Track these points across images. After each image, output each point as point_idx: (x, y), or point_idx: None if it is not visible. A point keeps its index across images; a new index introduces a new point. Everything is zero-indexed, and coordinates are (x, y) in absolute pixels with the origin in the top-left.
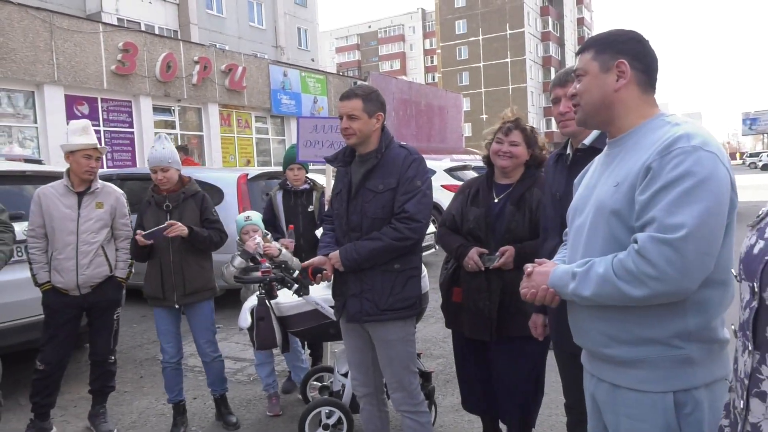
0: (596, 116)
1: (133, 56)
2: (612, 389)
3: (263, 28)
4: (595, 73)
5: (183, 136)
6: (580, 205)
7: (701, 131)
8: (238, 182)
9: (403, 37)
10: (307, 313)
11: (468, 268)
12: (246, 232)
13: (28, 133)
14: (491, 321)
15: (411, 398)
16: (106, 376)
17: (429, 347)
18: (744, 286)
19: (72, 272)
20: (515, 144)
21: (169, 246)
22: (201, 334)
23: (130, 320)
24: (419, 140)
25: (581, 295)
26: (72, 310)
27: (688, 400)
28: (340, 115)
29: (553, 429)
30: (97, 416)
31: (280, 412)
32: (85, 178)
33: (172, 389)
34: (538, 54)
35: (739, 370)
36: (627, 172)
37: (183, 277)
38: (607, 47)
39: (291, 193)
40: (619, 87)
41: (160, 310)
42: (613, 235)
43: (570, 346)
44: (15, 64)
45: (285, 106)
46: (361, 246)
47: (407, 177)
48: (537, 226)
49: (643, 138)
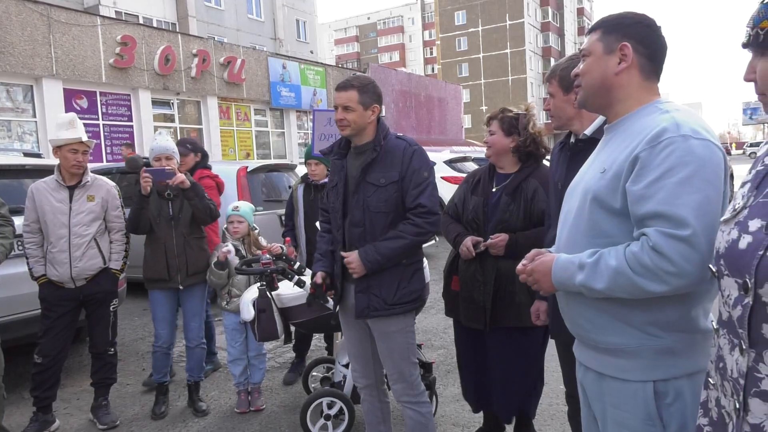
0: (595, 98)
1: (131, 49)
2: (598, 378)
3: (262, 20)
4: (599, 54)
5: (182, 130)
6: (570, 190)
7: (691, 119)
8: (237, 175)
9: (402, 28)
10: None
11: (462, 255)
12: (231, 222)
13: (27, 127)
14: (485, 311)
15: (411, 389)
16: (107, 368)
17: (430, 338)
18: (729, 282)
19: (66, 265)
20: (492, 133)
21: (172, 230)
22: (192, 318)
23: (131, 313)
24: (419, 132)
25: (592, 287)
26: (68, 302)
27: (669, 390)
28: (335, 106)
29: (553, 418)
30: (99, 408)
31: (247, 410)
32: (74, 172)
33: (159, 371)
34: (537, 45)
35: (728, 369)
36: (614, 160)
37: (186, 258)
38: (614, 29)
39: (311, 187)
40: (620, 70)
41: (159, 297)
42: (594, 220)
43: (568, 335)
44: (13, 57)
45: (284, 99)
46: (383, 247)
47: (413, 169)
48: (532, 217)
49: (634, 123)
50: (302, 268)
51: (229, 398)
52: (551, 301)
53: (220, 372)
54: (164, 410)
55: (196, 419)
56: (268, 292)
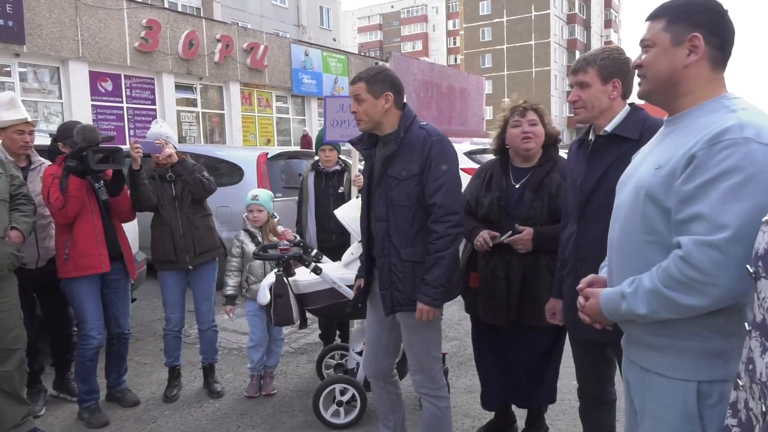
0: (660, 92)
1: (156, 33)
2: (642, 372)
3: (285, 6)
4: (665, 46)
5: (204, 114)
6: (624, 181)
7: (757, 119)
8: (258, 161)
9: (426, 17)
10: (324, 292)
11: (476, 246)
12: (250, 211)
13: (54, 108)
14: (510, 308)
15: (431, 382)
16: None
17: (444, 329)
18: (765, 284)
19: (33, 246)
20: (534, 123)
21: (177, 211)
22: (203, 302)
23: (150, 294)
24: (440, 122)
25: (637, 313)
26: (29, 283)
27: (714, 392)
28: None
29: (565, 413)
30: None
31: (256, 394)
32: (21, 152)
33: (170, 354)
34: (563, 36)
35: (757, 371)
36: (670, 156)
37: (192, 239)
38: (681, 17)
39: (322, 175)
40: (689, 63)
41: (169, 281)
42: (647, 217)
43: (585, 332)
44: (41, 39)
45: (306, 86)
46: (434, 277)
47: (431, 161)
48: (556, 212)
49: (697, 120)
50: (319, 255)
51: (243, 381)
52: (567, 300)
53: (235, 355)
54: (176, 393)
55: (212, 400)
56: (285, 277)
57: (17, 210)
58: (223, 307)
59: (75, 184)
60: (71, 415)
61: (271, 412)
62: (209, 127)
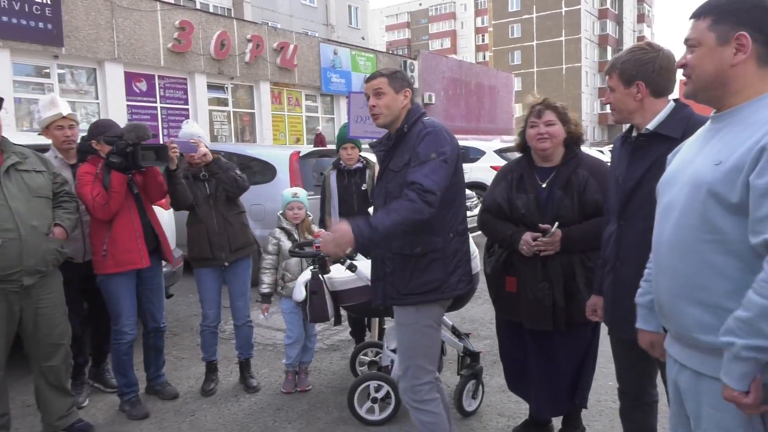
0: (707, 92)
1: (188, 34)
2: (695, 377)
3: (314, 6)
4: (711, 45)
5: (235, 114)
6: (671, 180)
7: None
8: (290, 159)
9: (454, 14)
10: (358, 289)
11: (523, 251)
12: (291, 208)
13: (90, 108)
14: (557, 310)
15: (412, 392)
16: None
17: (477, 327)
18: None
19: (79, 241)
20: (551, 123)
21: (211, 210)
22: (239, 298)
23: (187, 290)
24: (468, 120)
25: (760, 347)
26: (76, 277)
27: None
28: (367, 96)
29: (602, 414)
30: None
31: (292, 390)
32: (65, 148)
33: (207, 350)
34: (594, 32)
35: None
36: (731, 151)
37: (227, 236)
38: (727, 16)
39: (344, 173)
40: (737, 62)
41: (205, 277)
42: (708, 216)
43: (625, 331)
44: (78, 41)
45: (335, 85)
46: (377, 218)
47: (417, 152)
48: (585, 209)
49: (754, 114)
50: (353, 252)
51: (279, 376)
52: (608, 298)
53: (270, 351)
54: (213, 387)
55: (248, 395)
56: (320, 275)
57: (60, 207)
58: (257, 304)
59: (118, 179)
60: (113, 407)
61: (306, 408)
62: (240, 126)
